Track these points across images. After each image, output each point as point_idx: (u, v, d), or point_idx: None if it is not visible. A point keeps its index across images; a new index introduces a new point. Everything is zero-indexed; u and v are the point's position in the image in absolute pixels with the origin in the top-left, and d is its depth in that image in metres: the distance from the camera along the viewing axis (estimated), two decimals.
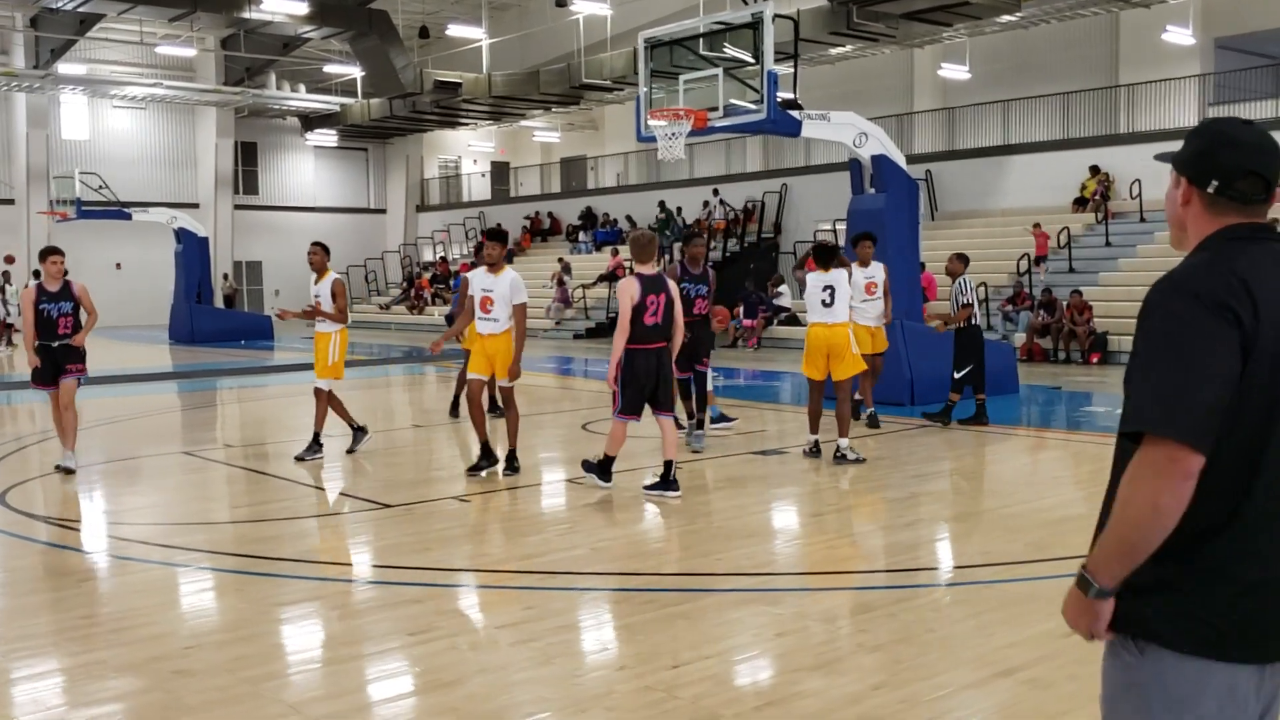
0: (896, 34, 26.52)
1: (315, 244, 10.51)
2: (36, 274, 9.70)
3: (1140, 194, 23.02)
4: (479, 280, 9.20)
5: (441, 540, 7.33)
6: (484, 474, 9.10)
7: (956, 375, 11.91)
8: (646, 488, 8.40)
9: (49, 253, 9.58)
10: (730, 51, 13.26)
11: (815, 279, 10.02)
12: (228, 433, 13.47)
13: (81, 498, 8.91)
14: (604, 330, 29.00)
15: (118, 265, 37.73)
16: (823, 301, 9.92)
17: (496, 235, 9.32)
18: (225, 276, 38.56)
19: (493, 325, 9.02)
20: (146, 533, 7.62)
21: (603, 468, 8.55)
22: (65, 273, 9.60)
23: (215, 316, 30.60)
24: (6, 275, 28.34)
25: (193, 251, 29.53)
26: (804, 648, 4.98)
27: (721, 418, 11.68)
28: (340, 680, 4.75)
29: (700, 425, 10.54)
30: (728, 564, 6.57)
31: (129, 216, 30.14)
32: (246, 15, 30.16)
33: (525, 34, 34.66)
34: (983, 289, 22.01)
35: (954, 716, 4.25)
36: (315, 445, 10.16)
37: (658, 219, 32.55)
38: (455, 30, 34.43)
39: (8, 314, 27.06)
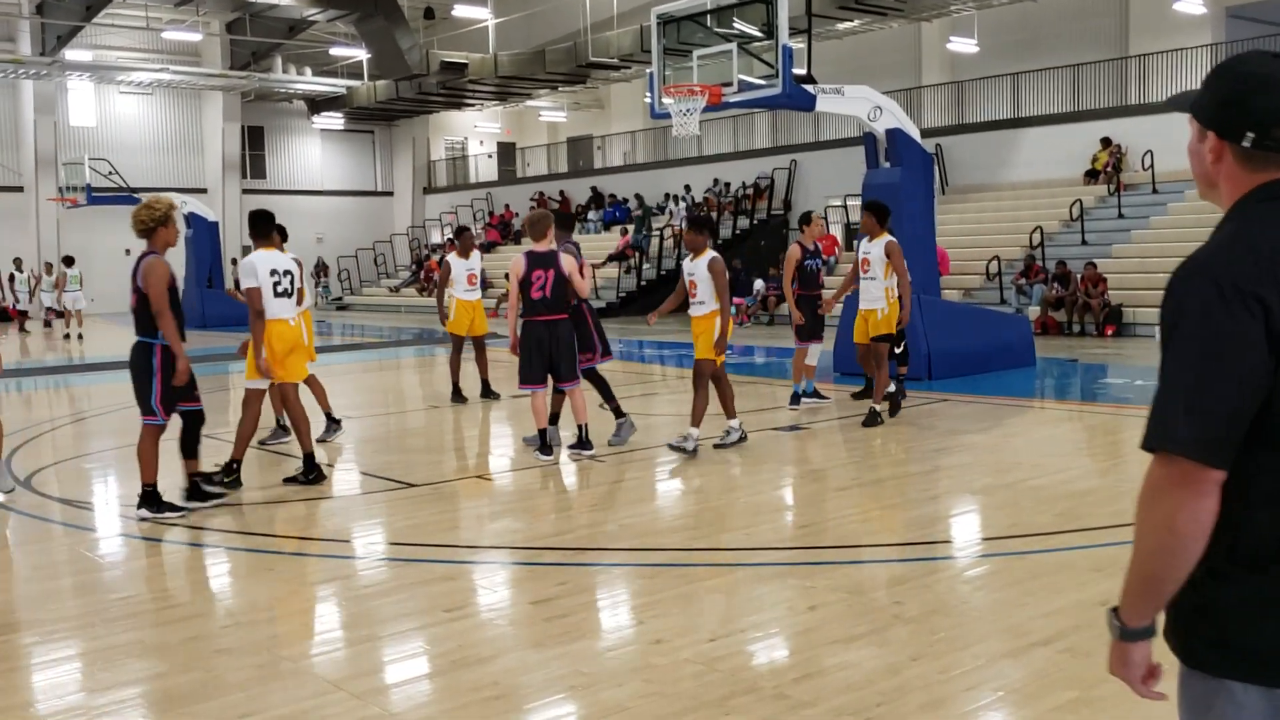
0: (904, 8, 26.43)
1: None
2: None
3: (1153, 165, 22.91)
4: None
5: (469, 519, 7.35)
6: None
7: (898, 350, 11.51)
8: (570, 447, 9.10)
9: None
10: (741, 26, 13.19)
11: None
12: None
13: (103, 482, 8.95)
14: (614, 310, 28.96)
15: (126, 251, 37.65)
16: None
17: (254, 219, 8.53)
18: (234, 261, 38.53)
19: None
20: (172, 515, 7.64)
21: (541, 440, 8.97)
22: None
23: (225, 301, 30.61)
24: (18, 263, 28.46)
25: (203, 237, 29.56)
26: (839, 620, 4.99)
27: (815, 394, 11.68)
28: (379, 656, 4.77)
29: (619, 415, 9.78)
30: (757, 538, 6.59)
31: (138, 201, 30.16)
32: None
33: (531, 13, 34.51)
34: (995, 263, 21.98)
35: (993, 686, 4.25)
36: (332, 424, 10.21)
37: (633, 215, 32.62)
38: (461, 10, 34.32)
39: (17, 301, 27.31)
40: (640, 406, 11.62)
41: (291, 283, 8.48)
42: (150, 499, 7.18)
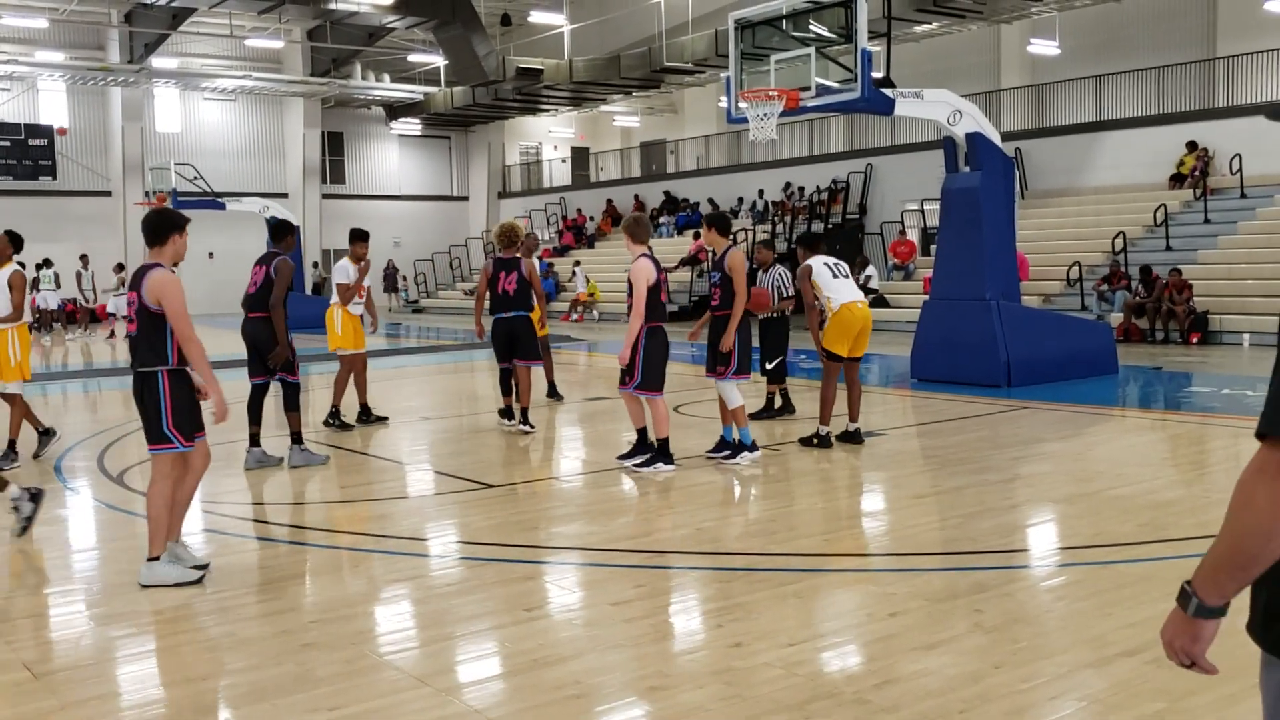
0: (984, 10, 26.13)
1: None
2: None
3: (1241, 169, 22.38)
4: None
5: (547, 520, 7.42)
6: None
7: (770, 366, 11.21)
8: (632, 463, 8.72)
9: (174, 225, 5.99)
10: (817, 30, 13.16)
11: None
12: (323, 416, 13.72)
13: None
14: (687, 314, 28.99)
15: (210, 254, 38.62)
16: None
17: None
18: (315, 265, 39.26)
19: None
20: (256, 512, 7.83)
21: (663, 450, 8.62)
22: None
23: (306, 304, 31.19)
24: (85, 260, 28.99)
25: None
26: (919, 627, 4.96)
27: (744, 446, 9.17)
28: (462, 654, 4.85)
29: (298, 440, 9.30)
30: (835, 545, 6.57)
31: (223, 206, 30.86)
32: (332, 6, 30.68)
33: (606, 19, 34.74)
34: (1076, 268, 21.63)
35: (1077, 695, 4.20)
36: (10, 453, 9.45)
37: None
38: (537, 17, 34.64)
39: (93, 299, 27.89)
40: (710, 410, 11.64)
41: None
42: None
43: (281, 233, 9.85)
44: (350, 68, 38.01)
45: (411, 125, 42.40)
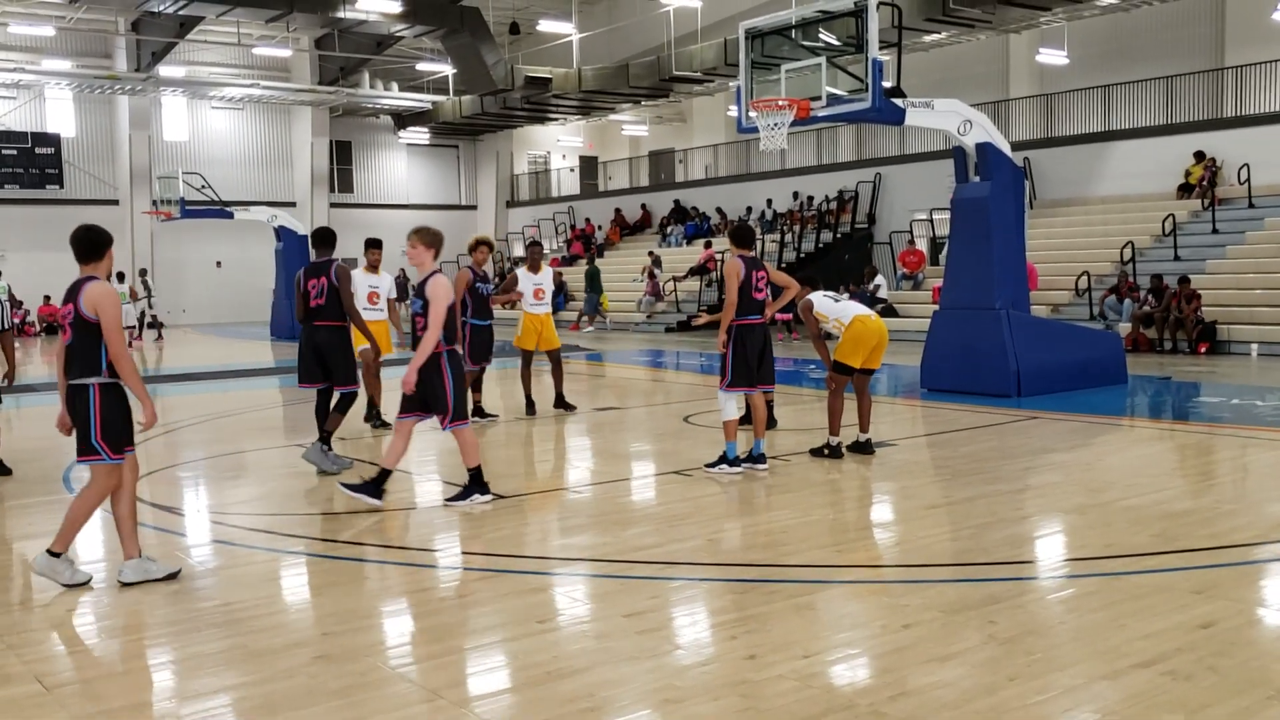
0: (992, 19, 26.13)
1: None
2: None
3: (1249, 179, 22.34)
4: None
5: (558, 531, 7.41)
6: None
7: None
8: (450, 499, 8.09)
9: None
10: (826, 39, 13.15)
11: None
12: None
13: (195, 490, 9.18)
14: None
15: (218, 263, 38.71)
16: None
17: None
18: None
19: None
20: (265, 523, 7.81)
21: (476, 480, 8.06)
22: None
23: None
24: (120, 276, 29.15)
25: (293, 249, 30.13)
26: (933, 638, 4.94)
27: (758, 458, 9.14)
28: (475, 665, 4.84)
29: (325, 439, 9.30)
30: (847, 556, 6.55)
31: (231, 215, 30.90)
32: (341, 15, 30.76)
33: (614, 28, 34.78)
34: (1084, 278, 21.59)
35: (1093, 708, 4.18)
36: None
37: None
38: (545, 25, 34.69)
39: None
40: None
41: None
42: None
43: (326, 241, 9.90)
44: (358, 76, 38.09)
45: (420, 134, 42.47)
